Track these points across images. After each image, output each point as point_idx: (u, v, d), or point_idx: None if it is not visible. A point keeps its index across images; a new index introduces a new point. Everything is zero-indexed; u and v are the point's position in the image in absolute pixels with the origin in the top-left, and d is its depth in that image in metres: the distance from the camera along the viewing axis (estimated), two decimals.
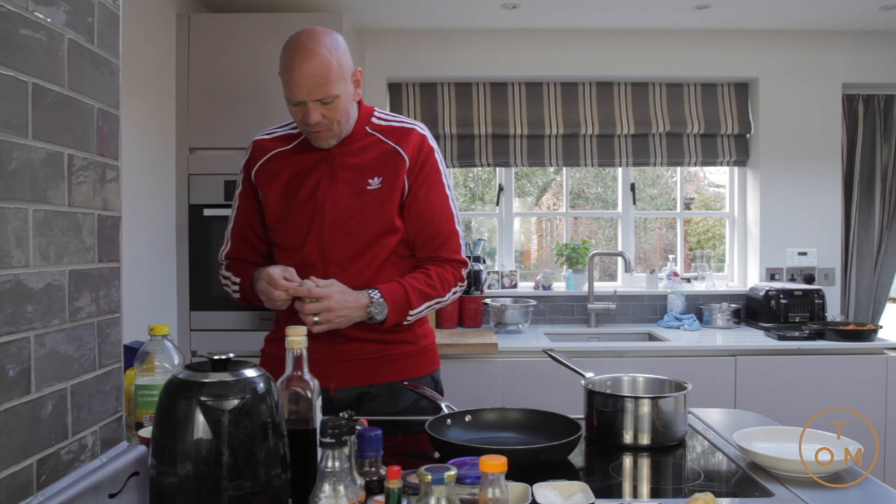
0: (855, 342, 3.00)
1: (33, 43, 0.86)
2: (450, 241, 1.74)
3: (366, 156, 1.69)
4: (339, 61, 1.60)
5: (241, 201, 1.80)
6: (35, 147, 0.86)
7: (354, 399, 1.71)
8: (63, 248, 0.92)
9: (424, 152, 1.71)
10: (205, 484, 0.86)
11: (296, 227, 1.69)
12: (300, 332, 1.08)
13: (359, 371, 1.70)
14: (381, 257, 1.69)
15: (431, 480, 0.84)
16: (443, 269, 1.72)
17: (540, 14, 3.32)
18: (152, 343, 1.30)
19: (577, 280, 3.65)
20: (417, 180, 1.70)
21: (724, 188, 3.93)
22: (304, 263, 1.68)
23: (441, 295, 1.71)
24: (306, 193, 1.69)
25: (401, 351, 1.73)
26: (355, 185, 1.67)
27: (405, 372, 1.73)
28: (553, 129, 3.62)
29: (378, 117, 1.75)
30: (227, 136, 2.88)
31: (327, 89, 1.58)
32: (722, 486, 1.21)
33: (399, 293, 1.64)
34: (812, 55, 3.60)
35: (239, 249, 1.80)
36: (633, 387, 1.59)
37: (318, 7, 3.15)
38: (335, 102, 1.60)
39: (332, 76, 1.58)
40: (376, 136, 1.71)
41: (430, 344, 1.82)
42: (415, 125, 1.74)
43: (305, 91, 1.58)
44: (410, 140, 1.70)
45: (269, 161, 1.74)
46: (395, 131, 1.72)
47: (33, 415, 0.85)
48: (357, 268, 1.67)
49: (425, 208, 1.71)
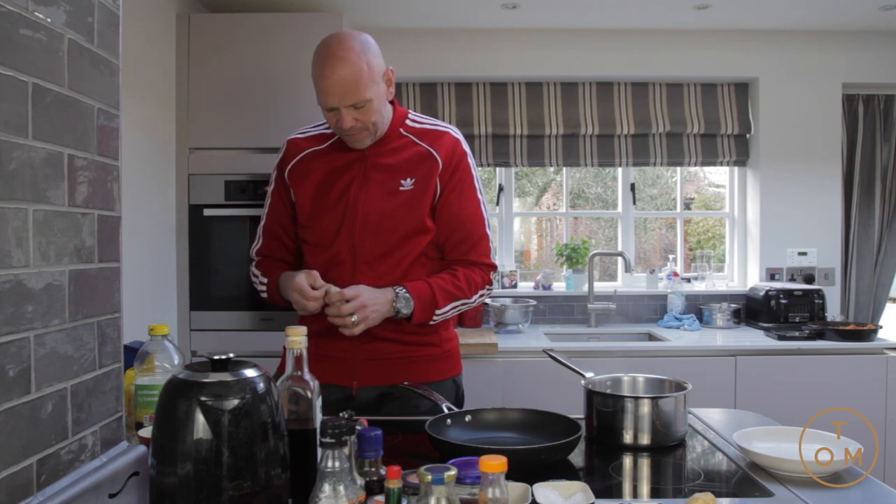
0: (855, 342, 3.00)
1: (33, 43, 0.86)
2: (480, 244, 1.75)
3: (399, 157, 1.70)
4: (370, 64, 1.60)
5: (273, 199, 1.82)
6: (35, 147, 0.86)
7: (376, 399, 1.71)
8: (63, 248, 0.92)
9: (458, 156, 1.72)
10: (205, 484, 0.86)
11: (327, 226, 1.71)
12: (300, 333, 1.08)
13: (381, 371, 1.70)
14: (411, 258, 1.70)
15: (431, 480, 0.84)
16: (471, 271, 1.73)
17: (540, 14, 3.32)
18: (152, 343, 1.30)
19: (577, 280, 3.65)
20: (450, 183, 1.71)
21: (724, 188, 3.93)
22: (334, 261, 1.70)
23: (468, 297, 1.72)
24: (338, 192, 1.70)
25: (424, 353, 1.73)
26: (388, 186, 1.68)
27: (427, 374, 1.72)
28: (553, 129, 3.62)
29: (413, 119, 1.76)
30: (227, 136, 2.88)
31: (359, 95, 1.59)
32: (722, 486, 1.21)
33: (425, 291, 1.65)
34: (812, 55, 3.60)
35: (270, 247, 1.83)
36: (633, 387, 1.59)
37: (318, 7, 3.15)
38: (368, 106, 1.61)
39: (363, 81, 1.58)
40: (410, 139, 1.72)
41: (454, 348, 1.82)
42: (448, 128, 1.76)
43: (337, 98, 1.59)
44: (444, 143, 1.71)
45: (302, 160, 1.76)
46: (429, 134, 1.73)
47: (33, 415, 0.85)
48: (385, 267, 1.68)
49: (457, 211, 1.72)
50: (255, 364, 0.96)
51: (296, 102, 2.83)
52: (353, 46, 1.59)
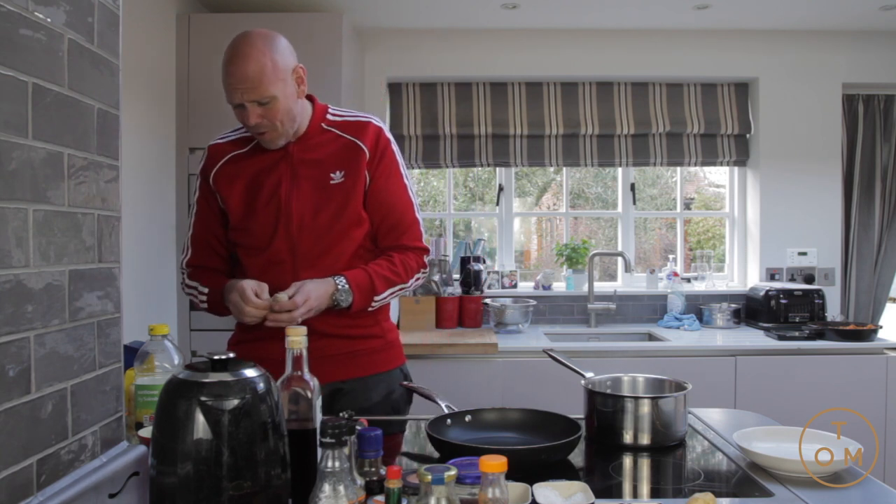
0: (855, 342, 2.99)
1: (33, 43, 0.86)
2: (411, 228, 1.77)
3: (325, 150, 1.71)
4: (275, 62, 1.60)
5: (199, 207, 1.79)
6: (35, 147, 0.86)
7: (328, 396, 1.71)
8: (63, 248, 0.92)
9: (382, 144, 1.73)
10: (205, 484, 0.86)
11: (261, 227, 1.70)
12: (300, 332, 1.08)
13: (330, 368, 1.70)
14: (350, 251, 1.71)
15: (431, 480, 0.84)
16: (406, 256, 1.75)
17: (540, 14, 3.32)
18: (152, 343, 1.30)
19: (577, 280, 3.65)
20: (377, 171, 1.72)
21: (724, 188, 3.93)
22: (272, 262, 1.70)
23: (405, 281, 1.74)
24: (268, 193, 1.70)
25: (369, 346, 1.76)
26: (318, 181, 1.69)
27: (374, 366, 1.76)
28: (553, 129, 3.62)
29: (333, 114, 1.77)
30: None
31: (261, 91, 1.59)
32: (722, 486, 1.21)
33: (364, 279, 1.67)
34: (812, 55, 3.60)
35: (201, 256, 1.79)
36: (633, 387, 1.59)
37: (318, 7, 3.15)
38: (273, 103, 1.61)
39: (266, 77, 1.58)
40: (333, 132, 1.73)
41: (396, 339, 1.85)
42: (370, 118, 1.77)
43: (240, 93, 1.59)
44: (368, 132, 1.72)
45: (226, 164, 1.75)
46: (352, 125, 1.74)
47: (33, 415, 0.85)
48: (326, 263, 1.69)
49: (386, 198, 1.73)
50: (255, 364, 0.96)
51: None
52: (256, 43, 1.59)
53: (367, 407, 1.71)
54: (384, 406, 1.74)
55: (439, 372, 2.84)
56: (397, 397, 1.77)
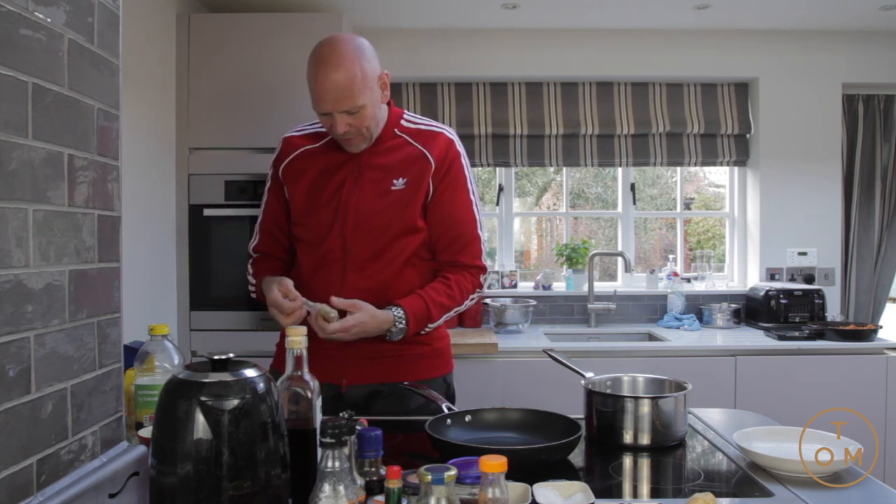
0: (855, 342, 2.99)
1: (33, 43, 0.86)
2: (471, 245, 1.75)
3: (392, 157, 1.71)
4: (364, 70, 1.60)
5: (269, 196, 1.83)
6: (35, 147, 0.86)
7: (366, 397, 1.71)
8: (63, 248, 0.92)
9: (451, 156, 1.72)
10: (205, 484, 0.86)
11: (318, 224, 1.71)
12: (300, 332, 1.08)
13: (371, 369, 1.70)
14: (402, 258, 1.70)
15: (431, 480, 0.84)
16: (461, 276, 1.73)
17: (540, 14, 3.32)
18: (152, 343, 1.30)
19: (577, 280, 3.65)
20: (442, 184, 1.71)
21: (724, 188, 3.93)
22: (325, 259, 1.70)
23: (459, 304, 1.73)
24: (331, 191, 1.70)
25: (414, 351, 1.73)
26: (380, 186, 1.69)
27: (417, 373, 1.72)
28: (553, 129, 3.62)
29: (407, 120, 1.76)
30: (227, 136, 2.88)
31: (353, 101, 1.58)
32: (722, 486, 1.21)
33: (421, 309, 1.65)
34: (812, 55, 3.60)
35: (266, 244, 1.84)
36: (633, 387, 1.59)
37: (318, 7, 3.15)
38: (361, 112, 1.61)
39: (357, 87, 1.58)
40: (404, 139, 1.73)
41: (445, 346, 1.82)
42: (443, 129, 1.76)
43: (331, 104, 1.59)
44: (437, 143, 1.71)
45: (296, 158, 1.76)
46: (423, 134, 1.73)
47: (33, 415, 0.85)
48: (377, 266, 1.68)
49: (449, 211, 1.72)
50: (255, 364, 0.96)
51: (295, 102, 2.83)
52: (347, 52, 1.58)
53: (404, 412, 1.67)
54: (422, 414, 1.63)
55: None
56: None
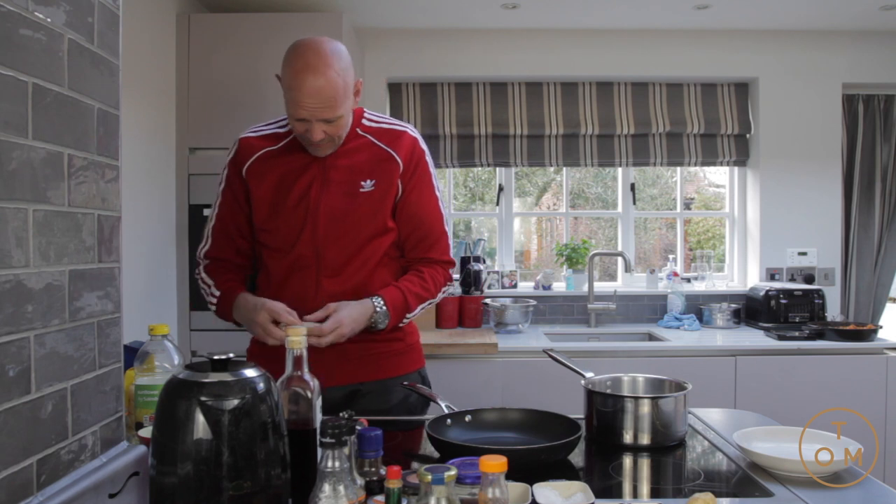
0: (855, 342, 2.99)
1: (33, 43, 0.86)
2: (439, 242, 1.77)
3: (358, 158, 1.69)
4: (345, 80, 1.57)
5: (225, 198, 1.75)
6: (35, 147, 0.86)
7: (346, 397, 1.71)
8: (63, 248, 0.92)
9: (416, 156, 1.72)
10: (205, 484, 0.86)
11: (286, 229, 1.68)
12: (300, 333, 1.08)
13: (349, 369, 1.70)
14: (375, 259, 1.70)
15: (431, 480, 0.84)
16: (434, 270, 1.76)
17: (540, 14, 3.32)
18: (152, 343, 1.30)
19: (577, 280, 3.64)
20: (410, 183, 1.71)
21: (724, 188, 3.93)
22: (296, 265, 1.68)
23: (433, 296, 1.76)
24: (298, 194, 1.67)
25: (389, 349, 1.75)
26: (348, 187, 1.67)
27: (394, 369, 1.75)
28: (553, 129, 3.62)
29: (369, 118, 1.74)
30: (227, 136, 2.85)
31: (333, 110, 1.56)
32: (722, 486, 1.21)
33: (399, 299, 1.67)
34: (812, 55, 3.60)
35: (220, 248, 1.76)
36: (633, 387, 1.59)
37: (318, 7, 3.15)
38: (338, 121, 1.59)
39: (339, 97, 1.56)
40: (367, 139, 1.71)
41: (416, 341, 1.84)
42: (406, 128, 1.74)
43: (311, 112, 1.55)
44: (403, 143, 1.71)
45: (258, 160, 1.72)
46: (387, 133, 1.72)
47: (33, 415, 0.85)
48: (350, 269, 1.68)
49: (416, 211, 1.73)
50: (255, 364, 0.96)
51: None
52: (331, 62, 1.54)
53: (386, 409, 1.69)
54: (401, 409, 1.73)
55: (439, 372, 2.83)
56: (415, 400, 1.75)
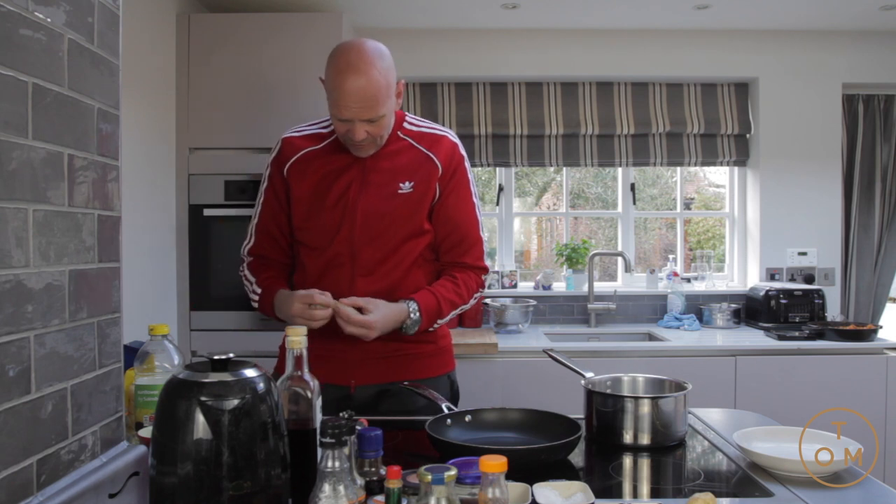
0: (855, 342, 2.99)
1: (33, 43, 0.86)
2: (475, 247, 1.77)
3: (398, 160, 1.70)
4: (388, 80, 1.59)
5: (267, 196, 1.78)
6: (35, 147, 0.86)
7: (374, 397, 1.72)
8: (63, 248, 0.92)
9: (456, 160, 1.73)
10: (205, 484, 0.86)
11: (324, 228, 1.69)
12: (300, 332, 1.08)
13: (379, 369, 1.71)
14: (409, 260, 1.71)
15: (431, 480, 0.84)
16: (467, 275, 1.76)
17: (540, 14, 3.32)
18: (152, 343, 1.30)
19: (577, 280, 3.65)
20: (448, 187, 1.72)
21: (724, 188, 3.93)
22: (332, 264, 1.70)
23: (465, 302, 1.76)
24: (337, 194, 1.69)
25: (420, 350, 1.75)
26: (387, 189, 1.68)
27: (423, 371, 1.74)
28: (553, 129, 3.62)
29: (410, 122, 1.76)
30: (227, 136, 2.88)
31: (375, 110, 1.57)
32: (722, 486, 1.21)
33: (433, 305, 1.67)
34: (812, 55, 3.60)
35: (263, 246, 1.79)
36: (633, 387, 1.59)
37: (319, 7, 3.15)
38: (381, 120, 1.60)
39: (381, 97, 1.57)
40: (408, 142, 1.72)
41: (448, 344, 1.84)
42: (446, 132, 1.76)
43: (353, 111, 1.57)
44: (442, 147, 1.72)
45: (300, 160, 1.73)
46: (427, 137, 1.73)
47: (33, 415, 0.85)
48: (385, 269, 1.69)
49: (453, 215, 1.73)
50: (256, 364, 0.96)
51: (295, 102, 2.83)
52: (374, 61, 1.57)
53: (413, 410, 1.68)
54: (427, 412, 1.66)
55: None
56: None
